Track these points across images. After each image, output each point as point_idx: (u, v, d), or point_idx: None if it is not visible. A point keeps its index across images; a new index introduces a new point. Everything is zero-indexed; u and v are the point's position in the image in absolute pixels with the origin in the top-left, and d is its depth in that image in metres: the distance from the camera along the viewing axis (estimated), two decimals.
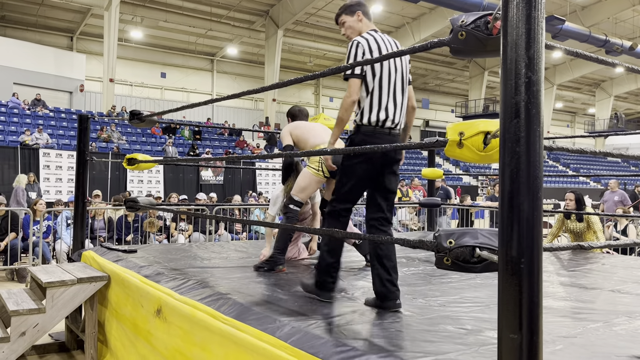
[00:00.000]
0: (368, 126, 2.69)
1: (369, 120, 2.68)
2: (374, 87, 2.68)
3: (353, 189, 2.72)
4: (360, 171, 2.67)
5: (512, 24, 1.32)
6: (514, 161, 1.31)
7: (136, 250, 4.38)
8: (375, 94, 2.68)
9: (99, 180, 14.15)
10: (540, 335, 1.29)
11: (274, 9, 24.42)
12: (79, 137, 4.73)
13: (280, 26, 24.46)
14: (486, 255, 1.59)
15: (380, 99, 2.68)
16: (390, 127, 2.70)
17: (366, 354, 1.88)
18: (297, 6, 23.19)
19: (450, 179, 21.54)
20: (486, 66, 31.73)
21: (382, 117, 2.67)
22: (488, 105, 31.95)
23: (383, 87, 2.68)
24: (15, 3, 21.74)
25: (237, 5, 23.59)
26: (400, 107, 2.74)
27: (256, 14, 25.01)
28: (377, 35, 2.77)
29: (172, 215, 8.52)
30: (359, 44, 2.70)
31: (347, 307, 2.66)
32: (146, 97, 26.65)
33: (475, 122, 1.75)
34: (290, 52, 28.07)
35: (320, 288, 2.75)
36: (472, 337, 2.18)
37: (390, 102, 2.69)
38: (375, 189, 2.74)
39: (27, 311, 3.46)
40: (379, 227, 2.71)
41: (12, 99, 18.66)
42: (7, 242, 6.93)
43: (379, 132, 2.68)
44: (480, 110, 31.07)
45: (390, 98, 2.69)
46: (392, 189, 2.76)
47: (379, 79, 2.68)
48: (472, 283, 3.42)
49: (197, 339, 2.65)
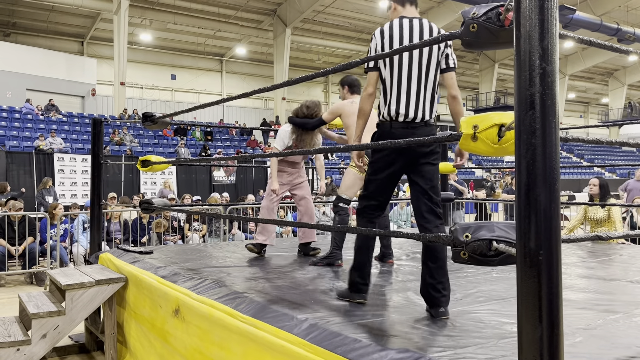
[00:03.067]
0: (385, 122, 2.60)
1: (383, 114, 2.60)
2: (387, 78, 2.59)
3: (376, 186, 2.61)
4: (381, 168, 2.57)
5: (525, 15, 1.31)
6: (529, 153, 1.30)
7: (152, 252, 4.42)
8: (389, 86, 2.58)
9: (112, 183, 14.29)
10: (560, 328, 1.28)
11: (282, 8, 24.44)
12: (93, 140, 4.77)
13: (288, 25, 24.48)
14: (503, 248, 1.59)
15: (393, 91, 2.56)
16: (407, 121, 2.55)
17: (385, 350, 1.89)
18: (305, 4, 23.18)
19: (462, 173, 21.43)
20: (496, 58, 31.48)
21: (395, 111, 2.55)
22: (499, 98, 31.71)
23: (394, 78, 2.56)
24: (26, 10, 21.99)
25: (244, 5, 23.64)
26: (420, 99, 2.55)
27: (264, 13, 25.05)
28: (405, 21, 2.60)
29: (185, 216, 8.58)
30: (374, 36, 2.65)
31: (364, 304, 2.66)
32: (157, 99, 26.83)
33: (489, 114, 1.74)
34: (298, 51, 28.08)
35: (352, 290, 2.66)
36: (490, 331, 2.17)
37: (403, 95, 2.54)
38: (410, 186, 2.62)
39: (47, 314, 3.50)
40: (424, 225, 2.54)
41: (26, 105, 18.90)
42: (25, 246, 7.03)
43: (396, 126, 2.57)
44: (492, 103, 30.85)
45: (404, 90, 2.54)
46: (425, 183, 2.54)
47: (389, 69, 2.57)
48: (488, 277, 3.41)
49: (216, 338, 2.68)
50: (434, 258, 2.45)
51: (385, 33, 2.60)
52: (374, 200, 2.63)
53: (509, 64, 32.79)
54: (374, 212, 2.66)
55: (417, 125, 2.56)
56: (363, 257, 2.64)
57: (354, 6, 24.24)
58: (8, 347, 3.33)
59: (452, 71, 2.63)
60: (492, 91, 31.60)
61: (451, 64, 2.61)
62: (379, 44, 2.62)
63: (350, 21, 26.00)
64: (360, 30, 27.06)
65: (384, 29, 2.61)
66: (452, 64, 2.62)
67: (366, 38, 27.70)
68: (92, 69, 23.32)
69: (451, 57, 2.61)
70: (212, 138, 21.00)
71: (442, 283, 2.44)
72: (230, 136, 22.35)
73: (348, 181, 3.88)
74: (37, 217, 7.51)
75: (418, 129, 2.56)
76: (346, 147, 2.38)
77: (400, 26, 2.59)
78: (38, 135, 16.10)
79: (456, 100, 2.63)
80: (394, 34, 2.58)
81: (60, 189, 14.14)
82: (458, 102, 2.63)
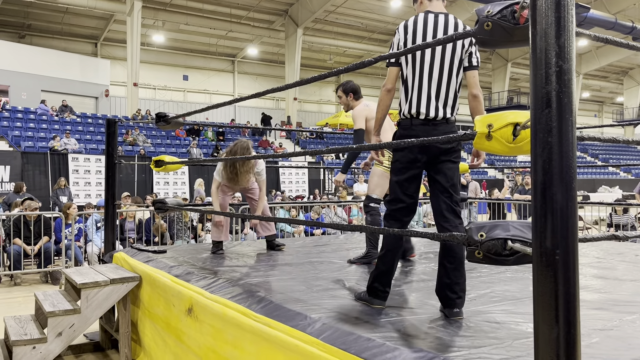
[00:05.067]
0: (405, 119, 2.55)
1: (404, 112, 2.56)
2: (407, 74, 2.53)
3: (400, 187, 2.54)
4: (403, 168, 2.52)
5: (541, 12, 1.30)
6: (545, 152, 1.29)
7: (165, 251, 4.45)
8: (410, 83, 2.53)
9: (126, 183, 14.42)
10: (577, 328, 1.27)
11: (293, 8, 24.47)
12: (107, 141, 4.82)
13: (299, 25, 24.51)
14: (519, 248, 1.58)
15: (414, 88, 2.51)
16: (428, 118, 2.50)
17: (398, 349, 1.88)
18: (316, 4, 23.20)
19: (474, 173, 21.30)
20: (509, 58, 31.24)
21: (416, 109, 2.50)
22: (512, 97, 31.46)
23: (416, 75, 2.51)
24: (41, 12, 22.25)
25: (256, 5, 23.71)
26: (441, 96, 2.50)
27: (275, 13, 25.10)
28: (431, 16, 2.54)
29: (198, 216, 8.63)
30: (397, 31, 2.59)
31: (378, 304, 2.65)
32: (169, 100, 27.02)
33: (504, 113, 1.73)
34: (310, 51, 28.11)
35: (371, 295, 2.60)
36: (505, 331, 2.16)
37: (424, 92, 2.49)
38: (430, 184, 2.57)
39: (62, 312, 3.54)
40: (443, 225, 2.48)
41: (41, 106, 19.14)
42: (41, 245, 7.11)
43: (416, 123, 2.51)
44: (504, 103, 30.61)
45: (425, 87, 2.49)
46: (446, 181, 2.49)
47: (411, 66, 2.51)
48: (502, 277, 3.39)
49: (229, 337, 2.69)
50: (452, 258, 2.42)
51: (408, 28, 2.54)
52: (401, 203, 2.55)
53: (522, 63, 32.53)
54: (404, 216, 2.57)
55: (437, 122, 2.52)
56: (387, 264, 2.56)
57: (366, 6, 24.20)
58: (24, 345, 3.38)
59: (475, 69, 2.57)
60: (505, 90, 31.36)
61: (474, 62, 2.56)
62: (401, 39, 2.56)
63: (362, 21, 25.96)
64: (371, 30, 27.01)
65: (408, 24, 2.56)
66: (476, 63, 2.56)
67: (378, 38, 27.65)
68: (105, 70, 23.56)
69: (475, 56, 2.56)
70: (224, 138, 21.08)
71: (458, 284, 2.41)
72: (242, 136, 22.42)
73: (375, 180, 3.92)
74: (52, 216, 7.60)
75: (439, 127, 2.51)
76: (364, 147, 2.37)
77: (424, 21, 2.53)
78: (53, 136, 16.30)
79: (477, 99, 2.56)
80: (417, 30, 2.52)
81: (75, 189, 14.29)
82: (479, 101, 2.56)
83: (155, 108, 24.73)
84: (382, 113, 2.67)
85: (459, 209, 2.54)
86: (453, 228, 2.46)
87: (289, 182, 18.41)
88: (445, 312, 2.42)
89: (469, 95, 2.57)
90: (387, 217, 2.60)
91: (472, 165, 2.77)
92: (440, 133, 2.49)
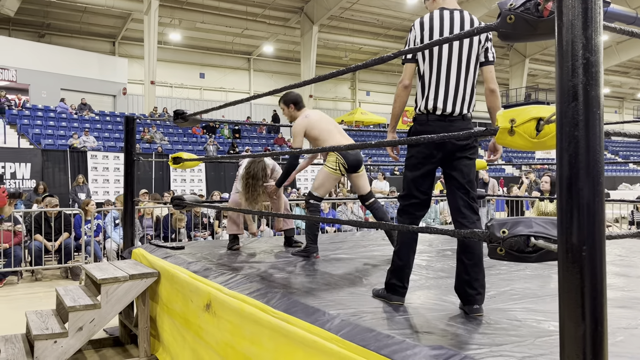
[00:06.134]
0: (421, 115, 2.55)
1: (420, 107, 2.55)
2: (424, 70, 2.53)
3: (414, 183, 2.53)
4: (418, 164, 2.51)
5: (568, 4, 1.27)
6: (572, 146, 1.26)
7: (183, 247, 4.48)
8: (426, 79, 2.52)
9: (143, 181, 14.55)
10: (605, 326, 1.24)
11: (309, 5, 24.46)
12: (126, 138, 4.86)
13: (315, 22, 24.48)
14: (543, 244, 1.55)
15: (431, 84, 2.50)
16: (444, 114, 2.49)
17: (418, 346, 1.87)
18: (332, 1, 23.16)
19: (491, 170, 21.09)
20: (527, 53, 30.86)
21: (432, 105, 2.49)
22: (530, 94, 31.08)
23: (433, 71, 2.50)
24: (60, 11, 22.54)
25: (272, 3, 23.74)
26: (459, 92, 2.49)
27: (291, 11, 25.11)
28: (446, 13, 2.54)
29: (215, 213, 8.68)
30: (413, 27, 2.58)
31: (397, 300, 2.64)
32: (186, 98, 27.20)
33: (527, 108, 1.70)
34: (325, 48, 28.08)
35: (389, 291, 2.59)
36: (526, 329, 2.13)
37: (441, 88, 2.48)
38: (446, 181, 2.56)
39: (83, 307, 3.59)
40: (460, 221, 2.47)
41: (61, 104, 19.41)
42: (61, 241, 7.21)
43: (433, 119, 2.50)
44: (522, 99, 30.25)
45: (442, 83, 2.49)
46: (462, 178, 2.49)
47: (428, 62, 2.51)
48: (521, 274, 3.35)
49: (247, 333, 2.69)
50: (470, 254, 2.41)
51: (425, 25, 2.54)
52: (414, 199, 2.54)
53: (540, 59, 32.11)
54: (417, 211, 2.57)
55: (454, 118, 2.51)
56: (403, 259, 2.54)
57: (381, 2, 24.08)
58: (46, 340, 3.43)
59: (491, 65, 2.56)
60: (523, 87, 30.99)
61: (490, 57, 2.55)
62: (418, 36, 2.55)
63: (378, 17, 25.85)
64: (387, 26, 26.87)
65: (424, 20, 2.55)
66: (492, 58, 2.56)
67: (393, 34, 27.50)
68: (123, 69, 23.81)
69: (491, 51, 2.55)
70: (240, 136, 21.17)
71: (478, 280, 2.40)
72: (257, 134, 22.50)
73: (320, 179, 4.04)
74: (72, 213, 7.70)
75: (455, 123, 2.51)
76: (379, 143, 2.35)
77: (440, 18, 2.53)
78: (72, 134, 16.52)
79: (494, 94, 2.55)
80: (434, 26, 2.52)
81: (94, 186, 14.47)
82: (496, 97, 2.55)
83: (172, 106, 24.91)
84: (398, 109, 2.67)
85: (476, 205, 2.52)
86: (471, 224, 2.45)
87: (304, 179, 18.41)
88: (465, 309, 2.40)
89: (486, 90, 2.56)
90: (400, 212, 2.60)
91: (489, 161, 2.75)
92: (456, 129, 2.48)
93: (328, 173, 4.01)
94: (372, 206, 4.17)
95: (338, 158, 3.98)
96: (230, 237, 4.58)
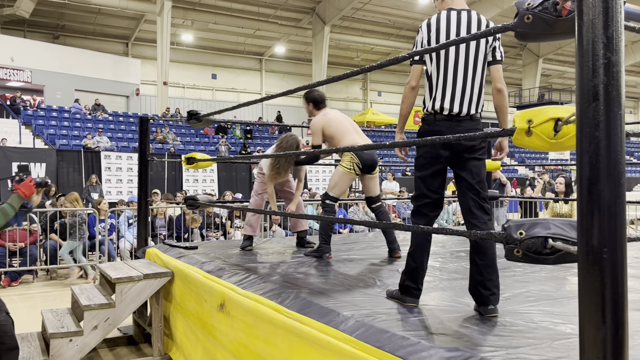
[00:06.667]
0: (429, 115, 2.55)
1: (428, 107, 2.55)
2: (432, 71, 2.53)
3: (424, 183, 2.54)
4: (426, 164, 2.53)
5: (588, 3, 1.26)
6: (592, 147, 1.25)
7: (197, 247, 4.50)
8: (434, 79, 2.53)
9: (156, 181, 14.64)
10: (626, 329, 1.23)
11: (320, 6, 24.47)
12: (140, 138, 4.89)
13: (326, 22, 24.49)
14: (561, 246, 1.53)
15: (438, 85, 2.50)
16: (452, 114, 2.49)
17: (434, 348, 1.86)
18: (344, 1, 23.15)
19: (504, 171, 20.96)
20: (541, 53, 30.61)
21: (440, 105, 2.49)
22: (543, 94, 30.81)
23: (440, 72, 2.50)
24: (74, 13, 22.77)
25: (284, 4, 23.79)
26: (466, 92, 2.49)
27: (303, 11, 25.14)
28: (453, 13, 2.54)
29: (227, 214, 8.71)
30: (420, 29, 2.59)
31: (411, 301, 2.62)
32: (198, 99, 27.34)
33: (545, 108, 1.69)
34: (337, 48, 28.06)
35: (403, 293, 2.57)
36: (543, 332, 2.11)
37: (449, 88, 2.48)
38: (456, 182, 2.58)
39: (98, 306, 3.62)
40: (472, 222, 2.46)
41: (75, 105, 19.61)
42: None
43: (440, 119, 2.51)
44: (535, 99, 30.00)
45: (449, 83, 2.48)
46: (472, 178, 2.48)
47: (436, 63, 2.51)
48: (536, 276, 3.32)
49: (261, 333, 2.70)
50: (482, 255, 2.39)
51: (432, 26, 2.54)
52: (426, 199, 2.55)
53: (554, 59, 31.83)
54: (430, 211, 2.57)
55: (462, 118, 2.50)
56: (417, 260, 2.53)
57: (393, 2, 24.02)
58: (61, 338, 3.46)
59: (499, 64, 2.55)
60: (536, 87, 30.73)
61: (498, 56, 2.54)
62: (425, 37, 2.56)
63: (389, 18, 25.79)
64: (399, 27, 26.80)
65: (431, 22, 2.56)
66: (499, 57, 2.54)
67: (405, 35, 27.42)
68: (136, 70, 24.01)
69: (498, 50, 2.54)
70: (251, 136, 21.23)
71: (491, 280, 2.38)
72: (269, 134, 22.55)
73: (335, 179, 4.05)
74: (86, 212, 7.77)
75: (463, 123, 2.50)
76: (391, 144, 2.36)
77: (447, 19, 2.53)
78: (86, 134, 16.68)
79: (501, 93, 2.54)
80: (440, 27, 2.52)
81: (107, 186, 14.58)
82: (503, 96, 2.54)
83: (184, 106, 25.05)
84: (406, 110, 2.67)
85: (487, 205, 2.51)
86: (482, 225, 2.44)
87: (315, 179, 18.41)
88: (480, 310, 2.39)
89: (493, 89, 2.55)
90: (414, 213, 2.60)
91: (494, 159, 2.76)
92: (464, 129, 2.47)
93: (343, 173, 4.02)
94: (378, 209, 4.17)
95: (352, 158, 3.99)
96: (244, 237, 4.60)
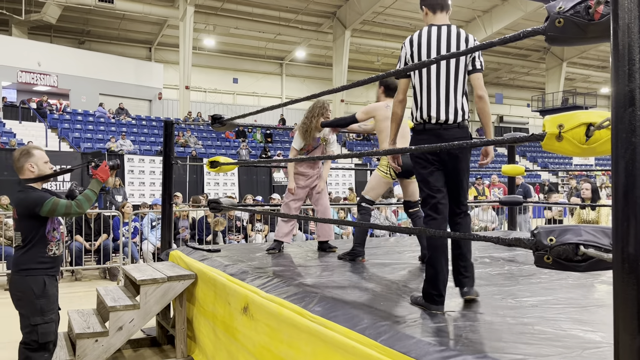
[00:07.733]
0: (418, 124, 2.72)
1: (416, 117, 2.72)
2: (416, 83, 2.70)
3: (425, 184, 2.68)
4: (422, 167, 2.68)
5: (624, 7, 1.24)
6: (629, 153, 1.23)
7: (220, 250, 4.53)
8: (418, 90, 2.69)
9: (178, 184, 14.81)
10: None
11: (341, 10, 24.51)
12: (165, 142, 4.95)
13: (347, 27, 24.51)
14: (593, 254, 1.51)
15: (423, 96, 2.66)
16: (440, 122, 2.65)
17: (462, 354, 1.84)
18: (364, 6, 23.14)
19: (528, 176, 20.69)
20: (564, 57, 30.16)
21: (427, 115, 2.65)
22: (567, 98, 30.36)
23: (423, 84, 2.66)
24: (99, 18, 23.19)
25: (304, 8, 23.89)
26: (450, 102, 2.64)
27: (323, 16, 25.21)
28: (434, 29, 2.69)
29: (248, 217, 8.75)
30: (404, 45, 2.76)
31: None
32: (219, 103, 27.58)
33: (576, 113, 1.67)
34: (357, 52, 28.05)
35: (427, 300, 2.57)
36: (573, 340, 2.07)
37: (433, 99, 2.64)
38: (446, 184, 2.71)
39: (123, 307, 3.67)
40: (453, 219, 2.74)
41: (99, 109, 19.96)
42: (100, 242, 7.40)
43: (429, 127, 2.67)
44: (559, 104, 29.55)
45: (433, 94, 2.64)
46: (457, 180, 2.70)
47: (419, 76, 2.67)
48: (563, 283, 3.26)
49: (285, 337, 2.70)
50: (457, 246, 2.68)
51: (414, 42, 2.71)
52: (432, 199, 2.67)
53: (578, 63, 31.35)
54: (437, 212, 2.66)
55: (449, 126, 2.66)
56: (436, 266, 2.55)
57: (414, 6, 23.92)
58: (87, 338, 3.52)
59: (479, 72, 2.70)
60: (560, 91, 30.29)
61: (478, 65, 2.69)
62: (408, 53, 2.73)
63: (410, 22, 25.70)
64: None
65: (413, 38, 2.72)
66: (479, 66, 2.70)
67: None
68: (159, 74, 24.33)
69: (478, 60, 2.69)
70: (272, 140, 21.33)
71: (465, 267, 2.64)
72: (289, 138, 22.62)
73: (372, 183, 4.05)
74: (110, 215, 7.90)
75: (450, 130, 2.66)
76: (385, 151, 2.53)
77: (428, 34, 2.69)
78: (109, 138, 16.95)
79: (482, 99, 2.71)
80: (421, 43, 2.68)
81: (130, 189, 14.79)
82: (485, 102, 2.72)
83: (205, 110, 25.30)
84: (396, 123, 2.86)
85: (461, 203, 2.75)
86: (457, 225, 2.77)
87: (335, 183, 18.41)
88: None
89: (475, 96, 2.72)
90: (425, 217, 2.71)
91: (480, 164, 2.86)
92: (451, 136, 2.63)
93: (379, 177, 4.02)
94: (415, 214, 4.06)
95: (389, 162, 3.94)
96: (274, 242, 4.59)
